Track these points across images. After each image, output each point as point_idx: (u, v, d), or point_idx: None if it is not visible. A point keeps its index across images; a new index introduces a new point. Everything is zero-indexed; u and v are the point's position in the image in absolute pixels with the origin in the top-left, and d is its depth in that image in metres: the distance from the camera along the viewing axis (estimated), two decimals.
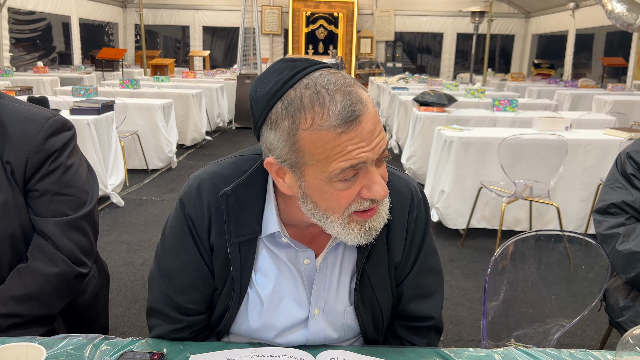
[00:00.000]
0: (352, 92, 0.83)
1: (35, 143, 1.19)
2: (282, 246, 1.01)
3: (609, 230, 1.60)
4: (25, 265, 1.21)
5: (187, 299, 1.03)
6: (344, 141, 0.81)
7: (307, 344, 1.04)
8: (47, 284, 1.19)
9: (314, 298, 1.02)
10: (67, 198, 1.23)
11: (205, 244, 1.00)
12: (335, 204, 0.87)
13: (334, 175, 0.84)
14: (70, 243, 1.23)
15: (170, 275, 1.03)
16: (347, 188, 0.86)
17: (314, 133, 0.82)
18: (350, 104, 0.81)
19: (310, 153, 0.83)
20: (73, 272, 1.23)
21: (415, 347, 1.07)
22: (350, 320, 1.05)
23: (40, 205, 1.21)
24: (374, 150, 0.84)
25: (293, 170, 0.88)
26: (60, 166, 1.23)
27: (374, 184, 0.86)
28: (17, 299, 1.17)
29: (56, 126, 1.23)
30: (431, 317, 1.11)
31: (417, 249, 1.08)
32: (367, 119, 0.83)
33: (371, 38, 15.23)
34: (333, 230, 0.91)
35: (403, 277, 1.08)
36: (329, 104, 0.81)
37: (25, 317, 1.18)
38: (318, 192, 0.87)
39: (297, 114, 0.82)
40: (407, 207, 1.04)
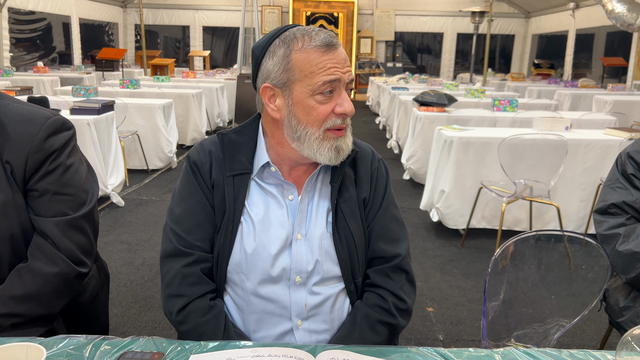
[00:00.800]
0: (330, 34, 1.13)
1: (34, 143, 1.19)
2: (271, 184, 1.22)
3: (609, 231, 1.60)
4: (25, 265, 1.21)
5: (194, 237, 1.19)
6: (325, 59, 1.09)
7: (293, 267, 1.18)
8: (47, 283, 1.19)
9: (297, 225, 1.20)
10: (66, 198, 1.24)
11: (208, 182, 1.21)
12: (315, 117, 1.11)
13: (317, 87, 1.09)
14: (70, 243, 1.23)
15: (180, 219, 1.20)
16: (325, 102, 1.11)
17: (303, 52, 1.10)
18: (330, 37, 1.12)
19: (300, 69, 1.10)
20: (73, 272, 1.23)
21: (415, 347, 1.07)
22: (327, 245, 1.20)
23: (40, 204, 1.22)
24: (345, 74, 1.11)
25: (283, 91, 1.13)
26: (60, 166, 1.23)
27: (345, 102, 1.12)
28: (17, 299, 1.17)
29: (56, 126, 1.23)
30: (397, 255, 1.24)
31: (382, 196, 1.28)
32: (341, 51, 1.13)
33: (371, 38, 15.23)
34: (310, 147, 1.13)
35: (371, 218, 1.26)
36: (314, 35, 1.11)
37: (25, 316, 1.18)
38: (302, 107, 1.12)
39: (291, 42, 1.11)
40: (369, 159, 1.29)
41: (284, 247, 1.19)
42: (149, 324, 2.57)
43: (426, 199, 4.06)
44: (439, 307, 2.81)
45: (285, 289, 1.19)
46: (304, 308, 1.19)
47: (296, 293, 1.19)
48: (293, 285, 1.19)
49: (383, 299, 1.21)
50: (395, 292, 1.22)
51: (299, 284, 1.19)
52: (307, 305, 1.19)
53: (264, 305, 1.19)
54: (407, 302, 1.23)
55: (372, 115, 11.01)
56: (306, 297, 1.19)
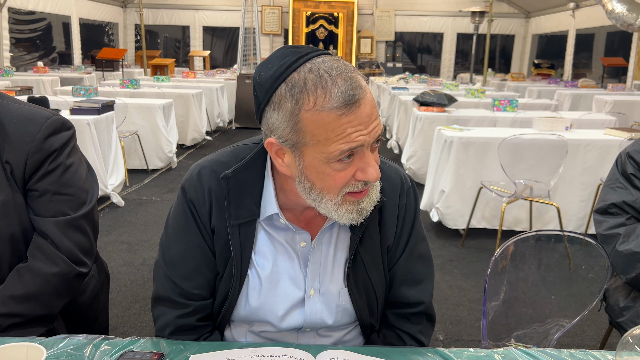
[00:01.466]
0: (353, 78, 0.88)
1: (34, 143, 1.19)
2: (280, 229, 1.06)
3: (609, 231, 1.59)
4: (25, 265, 1.21)
5: (192, 285, 1.06)
6: (344, 123, 0.86)
7: (305, 326, 1.07)
8: (47, 283, 1.19)
9: (309, 279, 1.06)
10: (66, 197, 1.23)
11: (207, 227, 1.05)
12: (331, 184, 0.92)
13: (333, 156, 0.89)
14: (70, 243, 1.23)
15: (175, 262, 1.06)
16: (344, 169, 0.91)
17: (315, 114, 0.86)
18: (351, 88, 0.86)
19: (311, 133, 0.88)
20: (73, 272, 1.23)
21: (415, 348, 1.07)
22: (345, 302, 1.08)
23: (40, 204, 1.21)
24: (370, 134, 0.89)
25: (293, 151, 0.92)
26: (59, 166, 1.23)
27: (369, 167, 0.91)
28: (17, 299, 1.17)
29: (55, 126, 1.23)
30: (421, 302, 1.13)
31: (408, 234, 1.12)
32: (366, 103, 0.88)
33: (371, 38, 15.23)
34: (327, 210, 0.95)
35: (394, 262, 1.12)
36: (331, 87, 0.86)
37: (25, 316, 1.18)
38: (315, 172, 0.92)
39: (301, 95, 0.87)
40: (398, 193, 1.10)
41: (295, 305, 1.07)
42: (149, 324, 2.57)
43: (426, 199, 4.06)
44: (439, 307, 2.81)
45: (293, 334, 1.11)
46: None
47: (304, 338, 1.11)
48: (302, 332, 1.11)
49: (401, 340, 1.14)
50: (415, 336, 1.14)
51: (309, 332, 1.11)
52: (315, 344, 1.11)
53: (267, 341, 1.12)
54: (425, 344, 1.15)
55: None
56: (315, 339, 1.11)
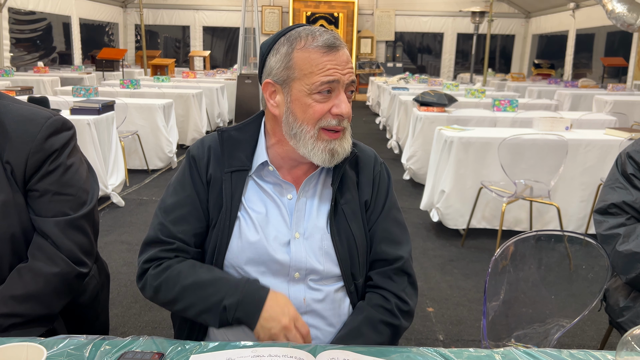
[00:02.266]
0: (335, 35, 1.14)
1: (35, 143, 1.19)
2: (269, 182, 1.22)
3: (609, 231, 1.59)
4: (25, 265, 1.21)
5: (178, 229, 1.20)
6: (325, 60, 1.11)
7: (291, 265, 1.18)
8: (48, 283, 1.20)
9: (294, 223, 1.20)
10: (67, 198, 1.24)
11: (204, 178, 1.22)
12: (311, 115, 1.12)
13: (314, 87, 1.10)
14: (71, 243, 1.23)
15: (168, 209, 1.22)
16: (322, 101, 1.12)
17: (304, 51, 1.11)
18: (334, 38, 1.13)
19: (300, 68, 1.11)
20: (73, 272, 1.23)
21: (415, 347, 1.07)
22: (327, 247, 1.21)
23: (40, 205, 1.22)
24: (345, 75, 1.12)
25: (283, 87, 1.14)
26: (60, 166, 1.23)
27: (342, 103, 1.12)
28: (18, 299, 1.17)
29: (56, 126, 1.23)
30: (400, 257, 1.25)
31: (384, 198, 1.29)
32: (343, 53, 1.13)
33: (371, 38, 15.23)
34: (304, 145, 1.14)
35: (373, 222, 1.27)
36: (318, 35, 1.13)
37: (25, 316, 1.18)
38: (299, 104, 1.13)
39: (295, 40, 1.13)
40: (372, 162, 1.30)
41: (282, 244, 1.19)
42: (149, 324, 2.57)
43: (426, 199, 4.06)
44: (439, 307, 2.81)
45: (284, 282, 1.19)
46: (302, 302, 1.18)
47: (295, 287, 1.19)
48: (292, 280, 1.19)
49: (386, 300, 1.21)
50: (398, 294, 1.22)
51: (298, 279, 1.19)
52: (306, 300, 1.19)
53: None
54: (410, 303, 1.23)
55: (372, 115, 11.01)
56: (305, 292, 1.19)
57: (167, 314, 2.05)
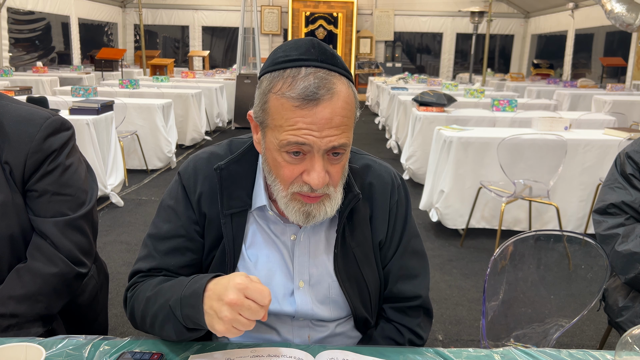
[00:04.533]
0: (327, 81, 0.90)
1: (33, 143, 1.19)
2: (271, 221, 1.08)
3: (608, 231, 1.60)
4: (24, 265, 1.20)
5: (172, 262, 1.08)
6: (297, 116, 0.89)
7: (296, 315, 1.09)
8: (46, 283, 1.19)
9: (297, 271, 1.08)
10: (66, 198, 1.23)
11: (197, 212, 1.08)
12: (281, 175, 0.95)
13: (281, 144, 0.91)
14: (69, 243, 1.23)
15: (159, 238, 1.10)
16: (292, 164, 0.93)
17: (278, 98, 0.91)
18: (317, 87, 0.89)
19: (272, 117, 0.92)
20: (72, 272, 1.23)
21: (415, 348, 1.07)
22: (335, 295, 1.09)
23: (39, 205, 1.21)
24: (323, 140, 0.90)
25: (261, 128, 0.98)
26: (59, 166, 1.23)
27: (313, 171, 0.92)
28: (17, 299, 1.17)
29: (55, 126, 1.23)
30: (418, 296, 1.14)
31: (401, 231, 1.14)
32: (327, 107, 0.89)
33: (370, 38, 15.23)
34: (280, 200, 0.99)
35: (389, 259, 1.14)
36: (299, 79, 0.89)
37: (24, 317, 1.18)
38: (271, 157, 0.96)
39: (275, 80, 0.92)
40: (389, 190, 1.12)
41: (285, 295, 1.08)
42: None
43: (425, 199, 4.06)
44: (438, 307, 2.81)
45: (288, 322, 1.11)
46: (307, 339, 1.12)
47: (299, 327, 1.11)
48: (296, 321, 1.11)
49: (399, 334, 1.14)
50: (413, 329, 1.14)
51: (302, 321, 1.11)
52: (311, 337, 1.12)
53: (263, 329, 1.11)
54: (423, 337, 1.16)
55: (372, 115, 11.01)
56: (309, 330, 1.11)
57: None
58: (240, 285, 0.85)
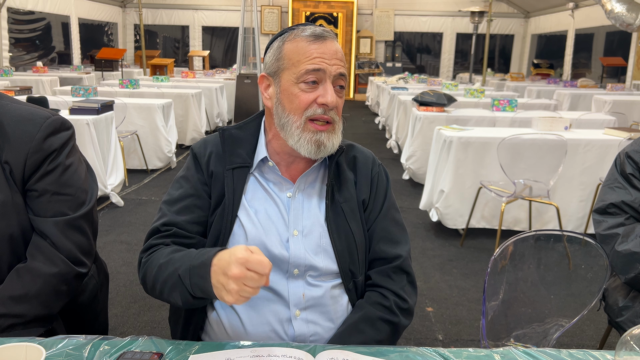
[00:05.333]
0: (328, 30, 1.17)
1: (33, 143, 1.19)
2: (269, 180, 1.24)
3: (608, 231, 1.60)
4: (24, 265, 1.20)
5: (182, 218, 1.21)
6: (312, 49, 1.14)
7: (291, 261, 1.19)
8: (46, 283, 1.19)
9: (291, 221, 1.22)
10: (66, 198, 1.24)
11: (206, 173, 1.24)
12: (297, 105, 1.14)
13: (300, 74, 1.13)
14: (70, 243, 1.23)
15: (171, 202, 1.24)
16: (308, 91, 1.14)
17: (292, 42, 1.16)
18: (322, 30, 1.17)
19: (288, 57, 1.15)
20: (72, 272, 1.23)
21: (415, 347, 1.07)
22: (325, 244, 1.22)
23: (39, 205, 1.22)
24: (332, 66, 1.14)
25: (274, 79, 1.19)
26: (59, 166, 1.23)
27: (327, 93, 1.13)
28: (16, 299, 1.17)
29: (55, 126, 1.23)
30: (399, 256, 1.26)
31: (383, 198, 1.30)
32: (331, 43, 1.16)
33: (370, 38, 15.23)
34: (292, 136, 1.16)
35: (372, 221, 1.28)
36: (307, 27, 1.17)
37: (24, 317, 1.18)
38: (287, 95, 1.16)
39: (286, 35, 1.18)
40: (370, 163, 1.32)
41: (281, 242, 1.20)
42: (148, 324, 2.57)
43: (425, 199, 4.06)
44: (438, 307, 2.81)
45: (283, 279, 1.19)
46: (301, 298, 1.19)
47: (294, 283, 1.19)
48: (291, 276, 1.20)
49: (384, 297, 1.22)
50: (397, 292, 1.23)
51: (297, 275, 1.20)
52: (305, 295, 1.19)
53: (260, 292, 1.17)
54: (409, 301, 1.24)
55: (372, 115, 11.01)
56: (304, 287, 1.20)
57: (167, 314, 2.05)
58: (241, 260, 0.93)
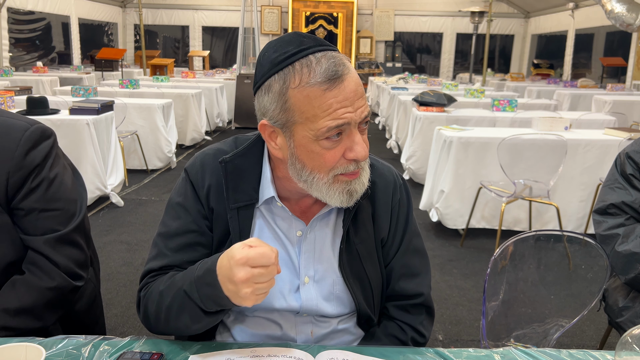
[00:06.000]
0: (336, 57, 0.93)
1: (14, 161, 1.12)
2: (277, 216, 1.09)
3: (609, 231, 1.59)
4: (20, 277, 1.17)
5: (183, 258, 1.07)
6: (329, 98, 0.90)
7: (301, 311, 1.09)
8: (42, 296, 1.16)
9: (303, 266, 1.09)
10: (54, 213, 1.18)
11: (206, 207, 1.08)
12: (321, 163, 0.95)
13: (320, 133, 0.92)
14: (64, 258, 1.19)
15: (169, 236, 1.09)
16: (332, 148, 0.94)
17: (302, 90, 0.91)
18: (334, 65, 0.91)
19: (300, 111, 0.92)
20: (69, 286, 1.20)
21: (415, 348, 1.07)
22: (339, 291, 1.10)
23: (28, 223, 1.17)
24: (357, 112, 0.93)
25: (284, 131, 0.96)
26: (43, 181, 1.17)
27: (356, 145, 0.94)
28: (11, 312, 1.14)
29: (34, 138, 1.16)
30: (420, 294, 1.16)
31: (403, 229, 1.15)
32: (350, 80, 0.92)
33: (371, 38, 15.23)
34: (319, 190, 0.98)
35: (391, 257, 1.15)
36: (315, 65, 0.91)
37: (18, 330, 1.14)
38: (306, 152, 0.95)
39: (288, 76, 0.92)
40: (391, 189, 1.14)
41: (291, 290, 1.09)
42: None
43: (426, 199, 4.06)
44: (438, 307, 2.81)
45: (291, 317, 1.11)
46: (309, 336, 1.12)
47: (302, 322, 1.11)
48: (300, 317, 1.11)
49: (402, 331, 1.15)
50: (415, 327, 1.15)
51: (306, 317, 1.12)
52: (314, 333, 1.12)
53: (267, 325, 1.11)
54: (426, 336, 1.16)
55: (372, 115, 11.01)
56: (313, 326, 1.12)
57: None
58: (242, 260, 0.86)
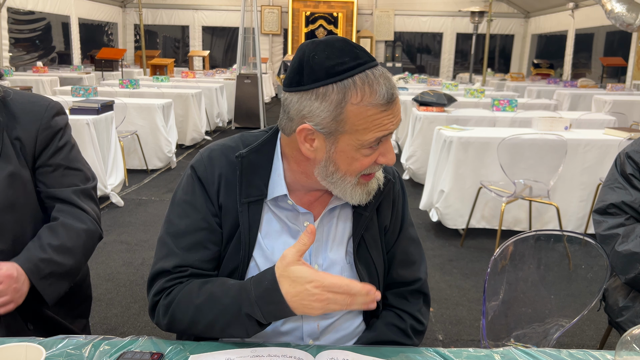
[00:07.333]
0: (389, 79, 1.01)
1: (43, 120, 1.31)
2: (284, 209, 1.12)
3: (609, 231, 1.60)
4: (55, 222, 1.29)
5: (195, 257, 1.09)
6: (383, 117, 0.99)
7: None
8: (79, 237, 1.29)
9: (313, 255, 1.13)
10: (76, 172, 1.37)
11: (215, 203, 1.10)
12: (356, 167, 1.03)
13: (367, 143, 1.00)
14: (89, 208, 1.35)
15: (180, 234, 1.10)
16: (370, 154, 1.02)
17: (361, 107, 0.97)
18: (391, 88, 1.00)
19: (352, 123, 0.98)
20: (97, 231, 1.35)
21: (415, 348, 1.07)
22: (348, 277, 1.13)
23: (54, 179, 1.33)
24: (396, 124, 1.03)
25: (327, 137, 1.01)
26: (67, 143, 1.36)
27: (389, 152, 1.04)
28: (55, 248, 1.24)
29: (58, 107, 1.37)
30: (418, 279, 1.22)
31: (401, 218, 1.23)
32: (398, 101, 1.02)
33: (371, 38, 15.23)
34: (342, 190, 1.05)
35: (392, 244, 1.21)
36: (376, 87, 0.98)
37: (61, 266, 1.24)
38: (345, 157, 1.02)
39: (349, 91, 0.97)
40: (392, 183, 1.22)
41: None
42: (148, 324, 2.57)
43: (426, 199, 4.06)
44: (438, 307, 2.81)
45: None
46: (316, 328, 1.13)
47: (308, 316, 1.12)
48: None
49: (401, 319, 1.18)
50: (413, 314, 1.19)
51: None
52: (320, 325, 1.13)
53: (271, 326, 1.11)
54: (424, 323, 1.21)
55: None
56: (319, 318, 1.13)
57: None
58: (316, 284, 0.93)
